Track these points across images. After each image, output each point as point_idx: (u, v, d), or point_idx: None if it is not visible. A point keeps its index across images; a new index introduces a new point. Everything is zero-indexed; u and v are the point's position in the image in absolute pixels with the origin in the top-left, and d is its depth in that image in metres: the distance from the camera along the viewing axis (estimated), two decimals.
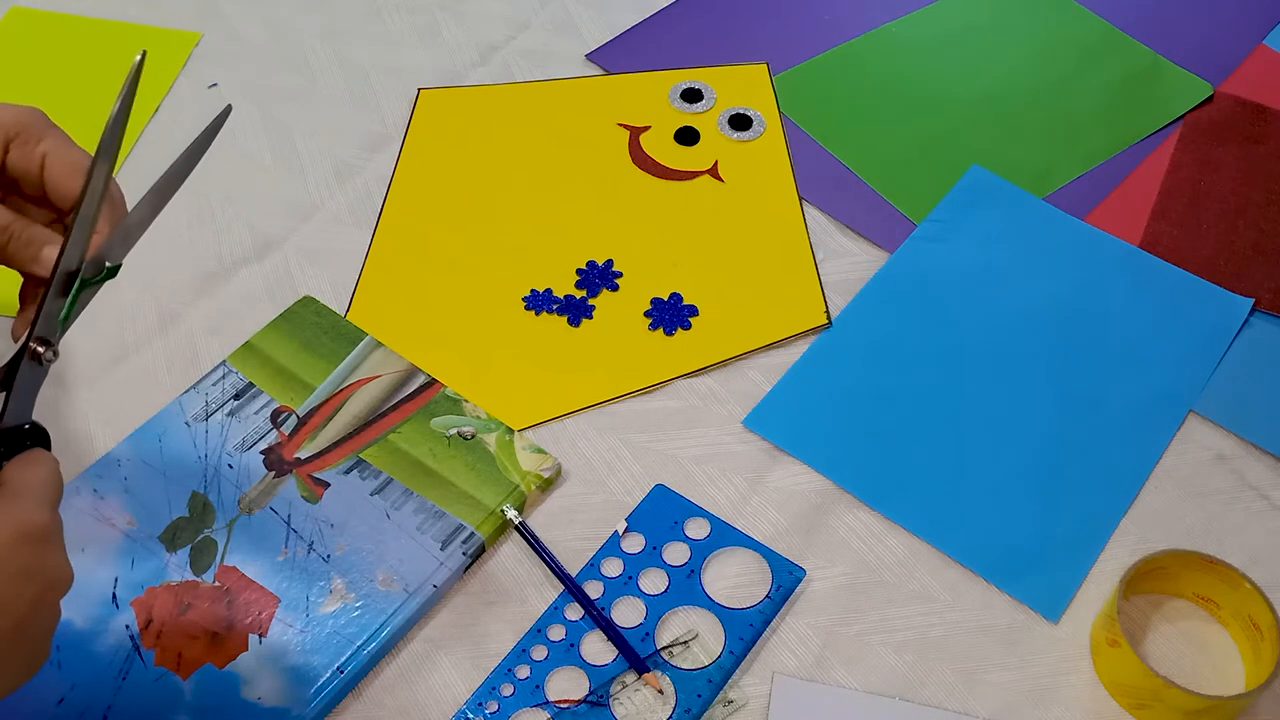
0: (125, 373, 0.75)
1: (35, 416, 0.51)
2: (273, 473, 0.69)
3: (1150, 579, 0.63)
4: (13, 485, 0.47)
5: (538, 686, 0.61)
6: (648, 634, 0.63)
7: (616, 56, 0.95)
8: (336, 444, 0.70)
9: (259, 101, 0.92)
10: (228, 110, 0.57)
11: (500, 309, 0.78)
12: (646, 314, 0.78)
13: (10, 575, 0.45)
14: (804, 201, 0.85)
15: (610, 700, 0.61)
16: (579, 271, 0.80)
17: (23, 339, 0.51)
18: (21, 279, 0.58)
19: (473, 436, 0.70)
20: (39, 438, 0.50)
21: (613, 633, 0.63)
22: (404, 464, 0.69)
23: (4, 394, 0.50)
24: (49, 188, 0.56)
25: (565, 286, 0.79)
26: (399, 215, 0.84)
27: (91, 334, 0.77)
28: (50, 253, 0.54)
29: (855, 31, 0.97)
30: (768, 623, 0.64)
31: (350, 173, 0.87)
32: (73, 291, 0.52)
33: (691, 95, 0.92)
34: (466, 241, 0.82)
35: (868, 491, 0.69)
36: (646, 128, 0.90)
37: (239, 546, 0.65)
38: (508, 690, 0.61)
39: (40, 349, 0.51)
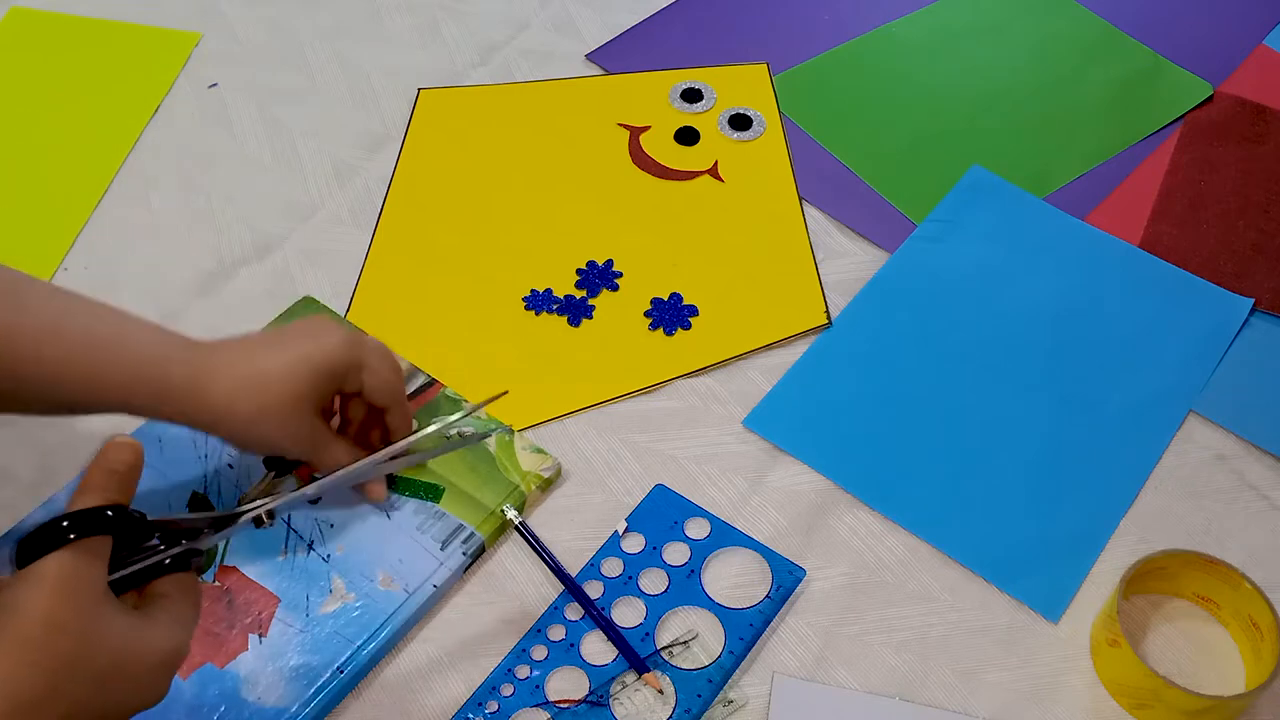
0: None
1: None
2: (273, 472, 0.68)
3: (1150, 579, 0.63)
4: (180, 607, 0.49)
5: (538, 686, 0.61)
6: (648, 634, 0.63)
7: (616, 56, 0.95)
8: None
9: (259, 101, 0.92)
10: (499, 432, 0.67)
11: (500, 309, 0.78)
12: (646, 314, 0.78)
13: (149, 685, 0.47)
14: (804, 201, 0.85)
15: (610, 700, 0.61)
16: (579, 271, 0.80)
17: (265, 504, 0.58)
18: None
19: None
20: (193, 561, 0.52)
21: (613, 633, 0.63)
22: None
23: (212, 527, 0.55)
24: (371, 398, 0.64)
25: (565, 286, 0.79)
26: (399, 215, 0.84)
27: None
28: (334, 458, 0.63)
29: (855, 31, 0.97)
30: (768, 623, 0.64)
31: (350, 173, 0.87)
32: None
33: (691, 95, 0.92)
34: (466, 241, 0.82)
35: (868, 491, 0.69)
36: (646, 128, 0.90)
37: (239, 546, 0.65)
38: (508, 690, 0.61)
39: (265, 519, 0.58)
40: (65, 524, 0.44)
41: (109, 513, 0.46)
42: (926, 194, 0.85)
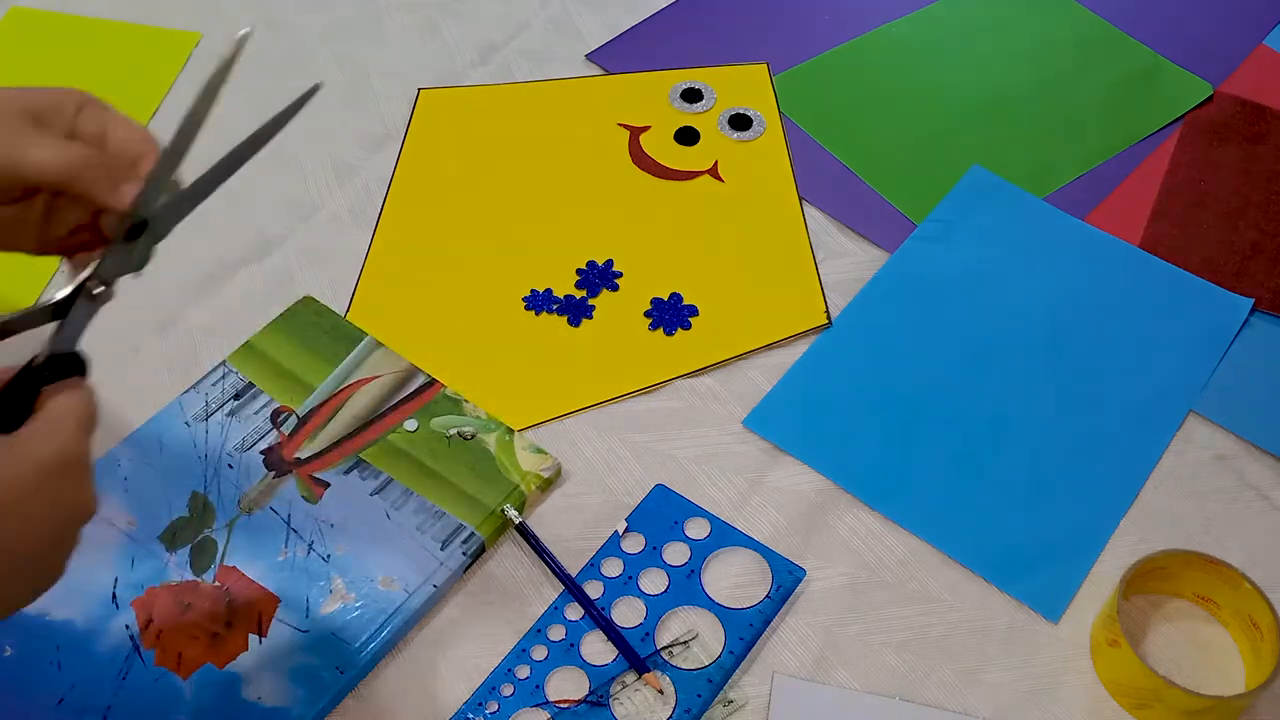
0: (125, 373, 0.75)
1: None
2: (273, 473, 0.69)
3: (1150, 579, 0.63)
4: (52, 412, 0.47)
5: (538, 686, 0.61)
6: (648, 634, 0.63)
7: (616, 56, 0.95)
8: (336, 444, 0.70)
9: (259, 101, 0.91)
10: (315, 88, 0.58)
11: (500, 309, 0.78)
12: (646, 314, 0.78)
13: (43, 501, 0.45)
14: (804, 201, 0.85)
15: (610, 700, 0.61)
16: (579, 271, 0.80)
17: (82, 275, 0.52)
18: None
19: (473, 436, 0.70)
20: (79, 366, 0.51)
21: (613, 633, 0.63)
22: (404, 464, 0.69)
23: (57, 323, 0.51)
24: (114, 149, 0.57)
25: (565, 286, 0.79)
26: (399, 215, 0.84)
27: (91, 334, 0.77)
28: (129, 189, 0.55)
29: (855, 31, 0.97)
30: (768, 623, 0.64)
31: (350, 173, 0.87)
32: (143, 235, 0.55)
33: (691, 95, 0.92)
34: (466, 242, 0.82)
35: (868, 491, 0.69)
36: (646, 128, 0.90)
37: (239, 546, 0.65)
38: (508, 690, 0.61)
39: (97, 289, 0.53)
40: None
41: None
42: (926, 194, 0.85)
